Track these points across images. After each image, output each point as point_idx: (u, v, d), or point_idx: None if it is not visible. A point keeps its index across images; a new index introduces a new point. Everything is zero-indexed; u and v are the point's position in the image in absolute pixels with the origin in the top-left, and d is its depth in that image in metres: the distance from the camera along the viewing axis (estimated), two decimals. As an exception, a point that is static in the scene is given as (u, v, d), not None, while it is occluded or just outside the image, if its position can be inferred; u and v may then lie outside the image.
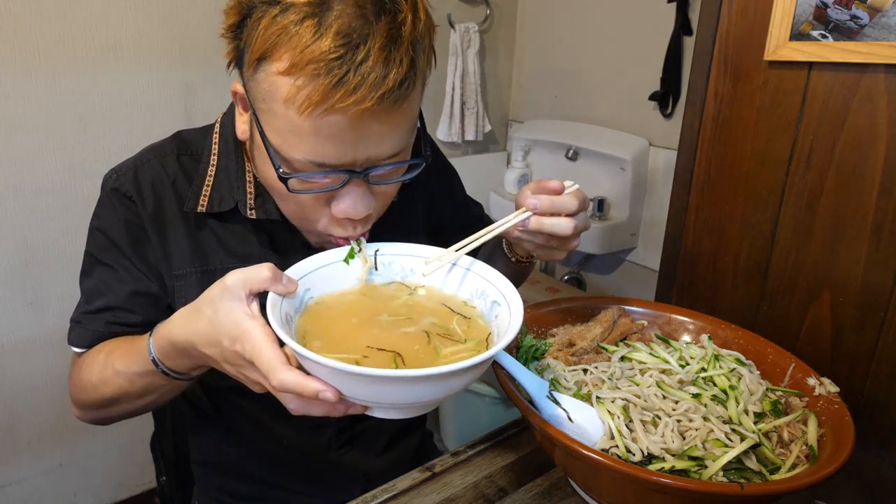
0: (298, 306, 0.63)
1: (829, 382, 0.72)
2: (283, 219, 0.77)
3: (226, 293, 0.56)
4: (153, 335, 0.67)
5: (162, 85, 1.60)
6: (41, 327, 1.59)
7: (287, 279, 0.60)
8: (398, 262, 0.71)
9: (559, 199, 0.69)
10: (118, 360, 0.72)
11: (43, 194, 1.50)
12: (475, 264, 0.69)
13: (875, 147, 0.94)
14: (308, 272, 0.65)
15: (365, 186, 0.66)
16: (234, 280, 0.56)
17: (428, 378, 0.50)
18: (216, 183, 0.77)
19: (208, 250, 0.78)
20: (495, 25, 2.19)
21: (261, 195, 0.77)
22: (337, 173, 0.63)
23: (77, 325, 0.81)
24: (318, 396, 0.51)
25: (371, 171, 0.64)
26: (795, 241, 1.06)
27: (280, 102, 0.60)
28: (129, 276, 0.77)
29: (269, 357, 0.52)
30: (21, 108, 1.43)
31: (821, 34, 0.96)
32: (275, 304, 0.58)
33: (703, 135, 1.16)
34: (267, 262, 0.79)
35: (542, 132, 2.12)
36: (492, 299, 0.65)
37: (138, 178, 0.77)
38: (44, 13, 1.40)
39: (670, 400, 0.69)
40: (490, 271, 0.67)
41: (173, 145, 0.80)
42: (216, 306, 0.56)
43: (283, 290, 0.59)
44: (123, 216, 0.76)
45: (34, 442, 1.65)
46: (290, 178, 0.64)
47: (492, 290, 0.65)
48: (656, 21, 1.75)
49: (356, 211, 0.66)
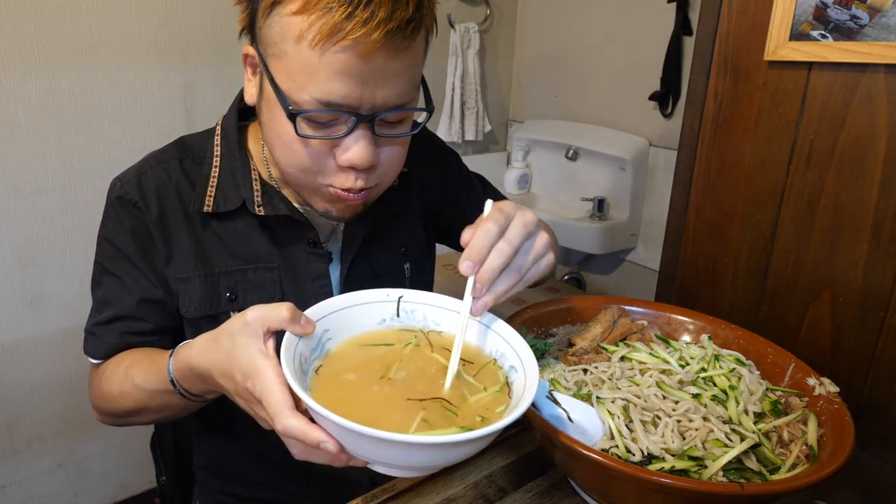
0: (316, 347, 0.62)
1: (829, 382, 0.72)
2: (289, 214, 0.78)
3: (245, 328, 0.56)
4: (173, 356, 0.68)
5: (162, 85, 1.60)
6: (41, 327, 1.59)
7: (305, 320, 0.59)
8: (421, 310, 0.68)
9: (473, 237, 0.60)
10: (138, 374, 0.73)
11: (43, 194, 1.50)
12: (496, 323, 0.65)
13: (875, 147, 0.94)
14: (328, 313, 0.64)
15: (371, 136, 0.67)
16: (254, 316, 0.56)
17: (430, 446, 0.49)
18: (220, 183, 0.78)
19: (211, 253, 0.79)
20: (495, 25, 2.19)
21: (267, 192, 0.78)
22: (344, 114, 0.65)
23: (91, 336, 0.81)
24: (319, 446, 0.50)
25: (377, 115, 0.66)
26: (795, 241, 1.06)
27: (291, 41, 0.62)
28: (137, 286, 0.78)
29: (277, 399, 0.52)
30: (21, 108, 1.43)
31: (821, 34, 0.96)
32: (290, 345, 0.56)
33: (703, 135, 1.16)
34: (271, 260, 0.80)
35: (542, 132, 2.12)
36: (510, 363, 0.61)
37: (142, 184, 0.78)
38: (44, 13, 1.40)
39: (670, 400, 0.69)
40: (511, 333, 0.63)
41: (175, 150, 0.82)
42: (234, 340, 0.57)
43: (301, 332, 0.58)
44: (129, 223, 0.78)
45: (34, 442, 1.65)
46: (298, 115, 0.65)
47: (511, 353, 0.62)
48: (656, 21, 1.75)
49: (361, 157, 0.67)
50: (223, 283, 0.79)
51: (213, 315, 0.79)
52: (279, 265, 0.80)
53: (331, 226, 0.84)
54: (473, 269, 0.59)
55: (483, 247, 0.59)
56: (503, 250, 0.60)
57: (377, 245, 0.87)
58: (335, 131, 0.67)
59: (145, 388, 0.72)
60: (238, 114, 0.82)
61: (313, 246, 0.81)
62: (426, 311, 0.68)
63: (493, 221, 0.60)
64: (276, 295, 0.80)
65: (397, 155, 0.73)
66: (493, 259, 0.59)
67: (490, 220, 0.60)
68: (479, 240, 0.59)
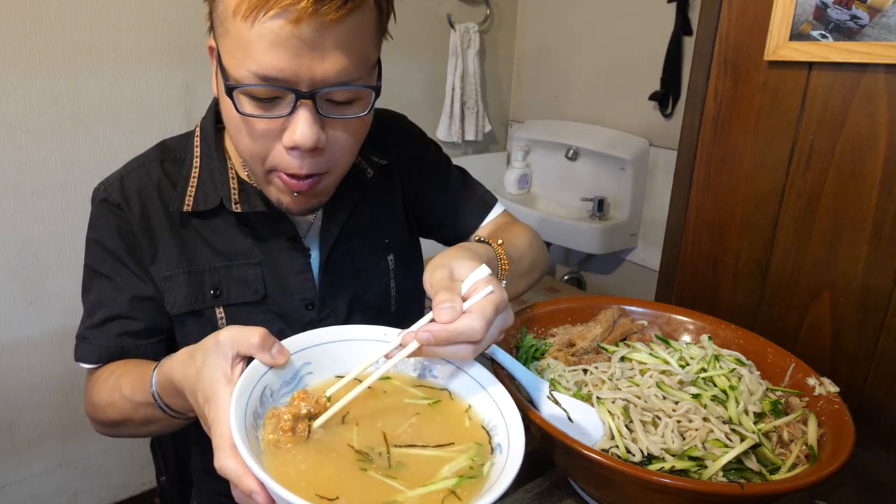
0: (291, 380, 0.56)
1: (829, 382, 0.72)
2: (267, 210, 0.78)
3: (216, 349, 0.54)
4: (157, 368, 0.66)
5: (162, 85, 1.60)
6: (41, 327, 1.59)
7: (277, 349, 0.55)
8: (418, 358, 0.61)
9: (459, 326, 0.54)
10: (126, 385, 0.73)
11: (43, 194, 1.50)
12: (495, 388, 0.57)
13: (875, 147, 0.94)
14: (310, 346, 0.58)
15: (314, 115, 0.66)
16: (226, 337, 0.54)
17: None
18: (200, 183, 0.79)
19: (194, 251, 0.80)
20: (495, 25, 2.19)
21: (244, 190, 0.79)
22: (282, 89, 0.63)
23: (83, 341, 0.81)
24: (251, 496, 0.46)
25: (318, 91, 0.64)
26: (795, 241, 1.06)
27: (230, 17, 0.62)
28: (128, 284, 0.79)
29: (223, 433, 0.48)
30: (21, 108, 1.43)
31: (821, 34, 0.95)
32: (252, 376, 0.52)
33: (703, 135, 1.16)
34: (253, 256, 0.80)
35: (542, 132, 2.12)
36: (497, 440, 0.54)
37: (124, 186, 0.79)
38: (44, 13, 1.40)
39: (670, 400, 0.69)
40: (509, 404, 0.55)
41: (156, 152, 0.83)
42: (205, 359, 0.54)
43: (270, 361, 0.54)
44: (115, 224, 0.79)
45: (34, 442, 1.65)
46: (235, 90, 0.64)
47: (502, 429, 0.54)
48: (656, 21, 1.75)
49: (303, 136, 0.65)
50: (207, 280, 0.79)
51: (199, 311, 0.79)
52: (261, 261, 0.81)
53: (307, 220, 0.84)
54: (432, 343, 0.54)
55: (460, 336, 0.54)
56: (474, 349, 0.55)
57: (357, 238, 0.87)
58: (278, 111, 0.66)
59: (131, 400, 0.71)
60: (217, 116, 0.82)
61: (293, 241, 0.82)
62: (422, 359, 0.61)
63: (483, 321, 0.54)
64: (259, 290, 0.80)
65: (348, 140, 0.71)
66: (459, 349, 0.55)
67: (480, 317, 0.54)
68: (459, 331, 0.54)
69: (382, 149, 0.89)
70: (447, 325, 0.54)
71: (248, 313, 0.80)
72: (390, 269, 0.90)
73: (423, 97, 2.09)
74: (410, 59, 2.00)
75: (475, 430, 0.56)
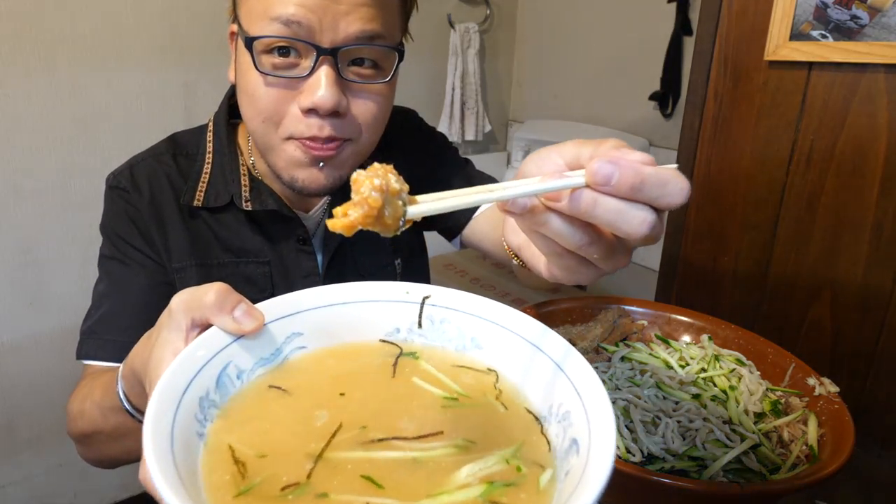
0: (272, 356, 0.42)
1: (829, 382, 0.72)
2: (278, 209, 0.77)
3: (169, 320, 0.42)
4: (124, 363, 0.53)
5: (162, 85, 1.60)
6: (41, 327, 1.59)
7: (244, 311, 0.41)
8: (455, 321, 0.46)
9: (659, 175, 0.37)
10: (98, 387, 0.63)
11: (43, 194, 1.50)
12: (570, 358, 0.39)
13: (875, 147, 0.94)
14: (300, 310, 0.43)
15: (335, 76, 0.64)
16: (178, 303, 0.41)
17: None
18: (212, 179, 0.78)
19: (205, 244, 0.78)
20: (495, 25, 2.19)
21: (255, 187, 0.78)
22: (304, 43, 0.62)
23: (90, 335, 0.74)
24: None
25: (340, 48, 0.63)
26: (795, 241, 1.06)
27: None
28: (142, 268, 0.76)
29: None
30: (21, 108, 1.43)
31: (821, 34, 0.95)
32: (200, 350, 0.37)
33: (703, 135, 1.16)
34: (262, 255, 0.77)
35: (542, 132, 2.12)
36: (572, 436, 0.36)
37: (134, 173, 0.78)
38: (44, 13, 1.40)
39: (670, 400, 0.69)
40: (591, 381, 0.37)
41: (168, 146, 0.82)
42: (159, 334, 0.42)
43: (233, 327, 0.40)
44: (123, 209, 0.77)
45: (34, 442, 1.65)
46: (255, 40, 0.63)
47: (579, 415, 0.36)
48: (656, 21, 1.75)
49: (323, 98, 0.62)
50: (215, 275, 0.78)
51: None
52: (270, 261, 0.80)
53: (315, 220, 0.83)
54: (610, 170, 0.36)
55: (658, 185, 0.37)
56: (653, 222, 0.38)
57: (362, 240, 0.86)
58: (297, 71, 0.65)
59: (100, 405, 0.61)
60: (228, 111, 0.82)
61: (303, 243, 0.80)
62: (462, 321, 0.46)
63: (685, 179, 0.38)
64: (266, 289, 0.79)
65: (370, 109, 0.68)
66: (637, 214, 0.37)
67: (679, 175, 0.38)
68: (661, 177, 0.37)
69: (388, 149, 0.88)
70: (641, 161, 0.36)
71: None
72: (397, 274, 0.90)
73: (423, 97, 2.08)
74: (410, 59, 1.99)
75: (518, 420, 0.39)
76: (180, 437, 0.33)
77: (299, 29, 0.61)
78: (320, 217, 0.83)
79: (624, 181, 0.35)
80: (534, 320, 0.43)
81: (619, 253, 0.41)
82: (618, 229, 0.37)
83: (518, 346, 0.43)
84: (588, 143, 0.40)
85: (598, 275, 0.43)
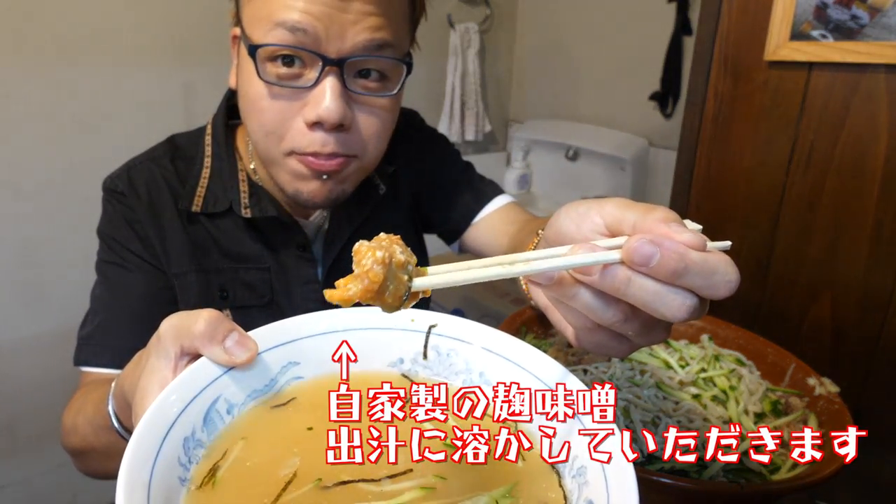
0: (266, 391, 0.39)
1: (829, 382, 0.72)
2: (278, 215, 0.76)
3: (157, 346, 0.40)
4: (115, 380, 0.53)
5: (162, 85, 1.60)
6: (41, 327, 1.58)
7: (236, 341, 0.38)
8: (463, 353, 0.43)
9: (706, 263, 0.35)
10: (90, 403, 0.62)
11: (43, 194, 1.50)
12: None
13: (875, 147, 0.94)
14: (296, 338, 0.40)
15: (340, 88, 0.62)
16: (167, 329, 0.39)
17: None
18: (210, 184, 0.77)
19: (204, 249, 0.77)
20: (495, 25, 2.19)
21: (255, 194, 0.76)
22: (309, 53, 0.61)
23: (88, 341, 0.73)
24: None
25: (346, 59, 0.61)
26: (795, 241, 1.06)
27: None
28: (140, 271, 0.75)
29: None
30: (21, 108, 1.43)
31: (821, 34, 0.95)
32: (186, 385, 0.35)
33: (703, 135, 1.16)
34: (262, 262, 0.76)
35: (542, 132, 2.12)
36: (588, 497, 0.34)
37: (131, 176, 0.77)
38: (44, 13, 1.40)
39: (670, 400, 0.69)
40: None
41: (167, 149, 0.80)
42: (148, 359, 0.40)
43: (224, 359, 0.38)
44: (121, 212, 0.76)
45: (34, 442, 1.65)
46: (259, 48, 0.62)
47: (597, 475, 0.34)
48: (656, 21, 1.75)
49: (328, 111, 0.61)
50: (214, 281, 0.77)
51: None
52: (269, 267, 0.78)
53: (315, 227, 0.82)
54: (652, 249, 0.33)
55: (705, 272, 0.35)
56: (695, 307, 0.36)
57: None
58: (302, 81, 0.63)
59: (92, 423, 0.60)
60: (227, 112, 0.81)
61: (302, 250, 0.79)
62: (470, 354, 0.42)
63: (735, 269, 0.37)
64: (266, 294, 0.78)
65: (375, 124, 0.67)
66: (676, 298, 0.35)
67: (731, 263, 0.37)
68: (710, 265, 0.35)
69: (390, 152, 0.86)
70: (688, 243, 0.33)
71: (254, 316, 0.78)
72: None
73: (423, 97, 2.08)
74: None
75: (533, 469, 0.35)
76: (159, 487, 0.31)
77: (305, 37, 0.60)
78: (320, 223, 0.82)
79: (665, 266, 0.33)
80: (555, 362, 0.39)
81: (657, 329, 0.38)
82: (654, 311, 0.34)
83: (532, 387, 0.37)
84: (634, 208, 0.36)
85: (632, 349, 0.40)
